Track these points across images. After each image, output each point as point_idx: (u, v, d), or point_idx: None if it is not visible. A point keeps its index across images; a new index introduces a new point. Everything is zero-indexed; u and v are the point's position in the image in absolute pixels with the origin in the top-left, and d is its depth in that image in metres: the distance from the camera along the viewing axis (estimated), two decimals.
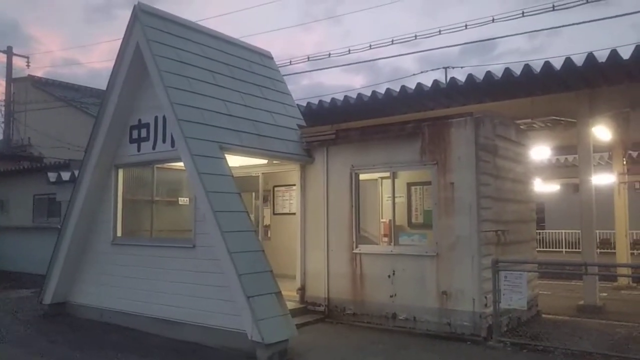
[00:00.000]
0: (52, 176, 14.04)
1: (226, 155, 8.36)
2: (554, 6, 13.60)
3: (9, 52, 25.52)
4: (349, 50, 17.07)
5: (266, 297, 7.22)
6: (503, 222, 8.96)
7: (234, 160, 10.56)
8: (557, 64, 9.81)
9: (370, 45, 16.62)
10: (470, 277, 8.21)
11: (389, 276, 8.99)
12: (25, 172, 16.38)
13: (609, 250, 19.30)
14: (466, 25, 15.20)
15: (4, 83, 26.68)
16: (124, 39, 8.98)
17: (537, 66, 10.05)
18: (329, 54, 17.22)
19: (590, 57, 9.46)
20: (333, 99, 12.50)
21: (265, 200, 13.93)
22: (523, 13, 14.29)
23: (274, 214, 14.11)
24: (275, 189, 14.09)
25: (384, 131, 9.22)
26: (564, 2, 13.35)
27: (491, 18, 14.82)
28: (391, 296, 8.95)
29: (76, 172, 13.05)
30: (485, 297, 8.19)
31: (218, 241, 7.39)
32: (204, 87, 8.87)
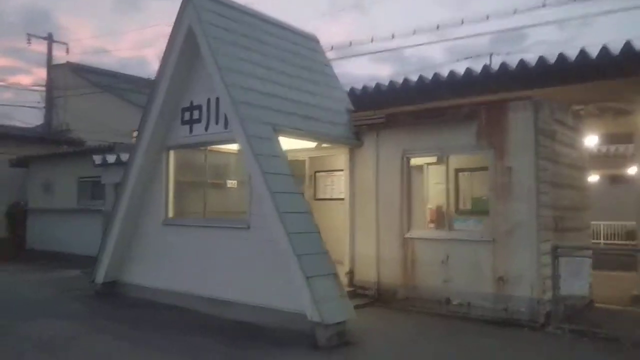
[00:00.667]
0: (97, 159, 14.21)
1: (279, 137, 8.32)
2: None
3: (49, 39, 25.89)
4: (372, 39, 16.79)
5: (324, 278, 7.17)
6: (560, 208, 8.76)
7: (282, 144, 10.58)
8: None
9: (393, 35, 16.34)
10: (528, 262, 8.04)
11: (443, 261, 8.87)
12: (70, 155, 16.66)
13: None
14: (487, 17, 14.88)
15: (38, 71, 27.12)
16: (176, 20, 8.98)
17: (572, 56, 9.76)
18: (350, 43, 16.96)
19: None
20: (378, 84, 12.29)
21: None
22: (544, 4, 13.97)
23: (316, 199, 14.07)
24: (317, 174, 14.04)
25: (437, 115, 9.06)
26: None
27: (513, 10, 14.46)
28: (445, 281, 8.84)
29: (121, 155, 13.26)
30: (544, 283, 8.02)
31: (275, 222, 7.36)
32: (256, 69, 8.83)
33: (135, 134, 10.34)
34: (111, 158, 13.77)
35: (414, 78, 11.61)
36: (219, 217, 9.24)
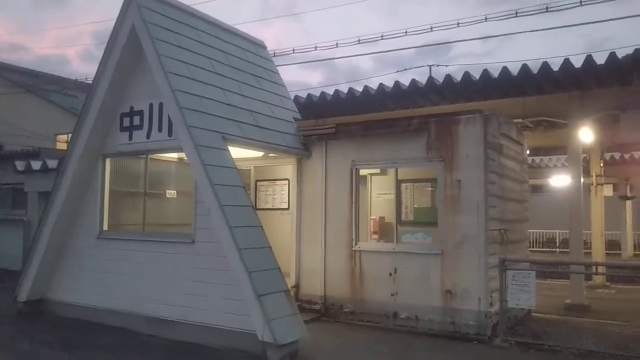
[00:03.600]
0: (20, 165, 13.21)
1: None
2: (516, 13, 13.89)
3: None
4: (315, 47, 16.73)
5: (276, 295, 6.89)
6: (505, 221, 8.92)
7: None
8: (515, 70, 9.88)
9: (337, 44, 16.31)
10: (476, 275, 8.11)
11: (391, 274, 8.80)
12: None
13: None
14: (431, 28, 15.13)
15: None
16: (117, 19, 8.44)
17: (495, 70, 10.13)
18: (293, 50, 16.83)
19: (587, 59, 9.51)
20: (323, 93, 12.20)
21: None
22: (486, 18, 14.43)
23: (257, 209, 13.71)
24: (258, 183, 13.70)
25: (388, 126, 9.02)
26: (525, 9, 13.73)
27: (456, 22, 14.78)
28: (392, 294, 8.77)
29: (48, 162, 12.37)
30: (491, 296, 8.12)
31: (225, 237, 7.00)
32: (204, 75, 8.44)
33: (59, 137, 9.64)
34: (36, 164, 12.84)
35: (345, 89, 11.66)
36: (159, 231, 8.72)
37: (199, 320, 7.55)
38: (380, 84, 11.54)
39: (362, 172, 10.08)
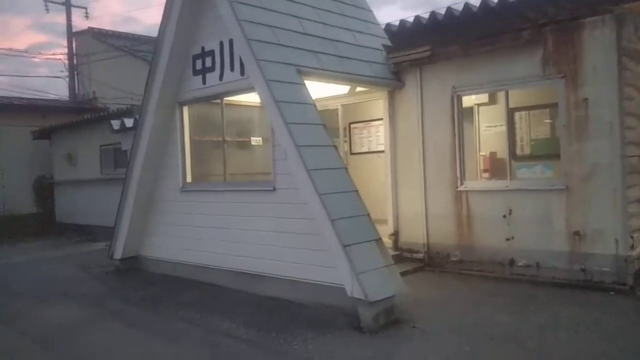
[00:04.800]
0: (115, 124, 13.21)
1: (305, 81, 7.04)
2: None
3: (67, 4, 24.92)
4: None
5: (366, 245, 5.97)
6: None
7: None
8: None
9: None
10: (612, 213, 6.65)
11: (505, 216, 7.54)
12: (90, 123, 15.71)
13: None
14: None
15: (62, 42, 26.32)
16: None
17: None
18: None
19: None
20: (417, 17, 10.75)
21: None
22: None
23: (352, 153, 12.81)
24: (352, 125, 12.74)
25: (493, 41, 7.53)
26: None
27: None
28: (507, 239, 7.53)
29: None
30: (632, 237, 6.64)
31: (304, 181, 6.16)
32: (275, 2, 7.48)
33: None
34: (129, 122, 12.75)
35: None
36: (240, 181, 8.10)
37: (287, 274, 6.87)
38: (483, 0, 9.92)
39: (466, 100, 8.71)
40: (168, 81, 8.35)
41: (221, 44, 7.67)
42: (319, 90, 8.86)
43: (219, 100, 8.02)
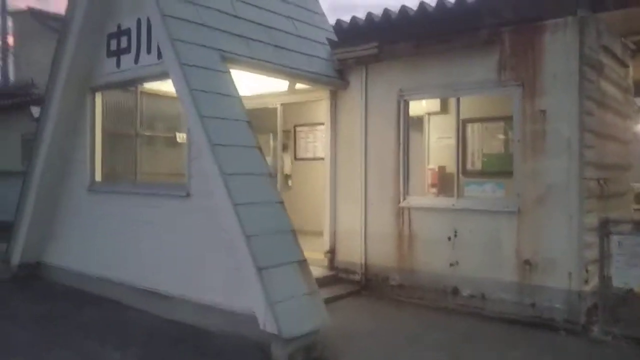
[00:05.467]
0: (35, 112, 11.83)
1: (232, 71, 6.07)
2: None
3: None
4: None
5: (286, 268, 5.03)
6: (606, 167, 6.63)
7: (243, 87, 8.31)
8: None
9: None
10: (566, 241, 5.93)
11: (450, 238, 6.75)
12: (10, 110, 14.22)
13: None
14: None
15: None
16: None
17: None
18: None
19: None
20: (369, 14, 9.93)
21: (284, 144, 11.78)
22: None
23: (296, 158, 11.91)
24: (297, 129, 11.85)
25: (446, 40, 6.75)
26: None
27: None
28: (452, 264, 6.74)
29: None
30: (587, 270, 5.94)
31: (218, 188, 5.17)
32: None
33: None
34: None
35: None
36: (153, 182, 7.02)
37: (197, 297, 5.85)
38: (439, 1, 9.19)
39: (416, 108, 8.00)
40: (78, 62, 7.23)
41: (139, 21, 6.61)
42: (258, 85, 7.95)
43: (134, 87, 6.94)
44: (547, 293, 6.05)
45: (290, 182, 11.77)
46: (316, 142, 11.59)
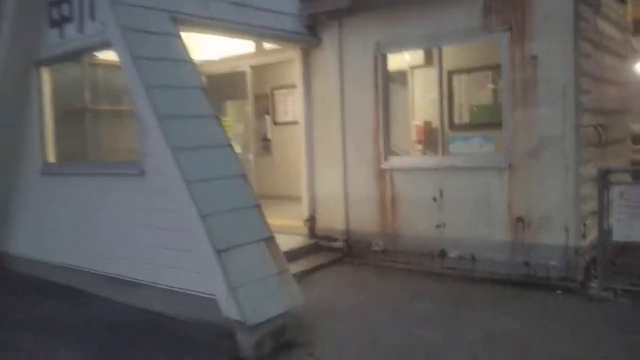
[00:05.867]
0: None
1: (192, 34, 5.59)
2: None
3: None
4: None
5: (250, 248, 4.54)
6: (604, 113, 6.09)
7: (210, 50, 7.70)
8: None
9: None
10: (562, 195, 5.46)
11: (435, 199, 6.26)
12: None
13: None
14: None
15: None
16: None
17: None
18: None
19: None
20: None
21: (264, 108, 11.22)
22: None
23: (276, 123, 11.32)
24: (275, 92, 11.21)
25: None
26: None
27: None
28: (438, 226, 6.27)
29: None
30: (584, 225, 5.50)
31: (168, 164, 4.63)
32: None
33: None
34: None
35: None
36: (107, 161, 6.45)
37: (163, 282, 5.37)
38: None
39: (399, 62, 7.43)
40: (19, 35, 6.56)
41: None
42: (224, 47, 7.35)
43: (78, 59, 6.31)
44: (542, 250, 5.61)
45: (271, 148, 11.25)
46: (295, 105, 10.97)
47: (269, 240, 4.71)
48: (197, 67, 5.21)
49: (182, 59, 5.19)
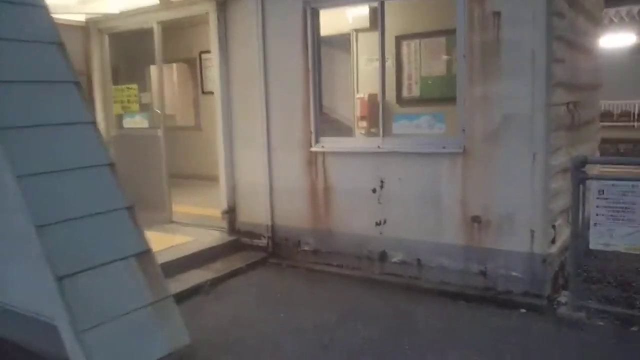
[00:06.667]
0: None
1: None
2: None
3: None
4: None
5: (110, 269, 3.25)
6: (576, 88, 5.04)
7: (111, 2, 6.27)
8: None
9: None
10: (528, 189, 4.39)
11: (374, 190, 5.12)
12: None
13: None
14: None
15: None
16: None
17: None
18: None
19: None
20: None
21: (189, 73, 9.88)
22: None
23: (204, 92, 9.92)
24: (203, 56, 9.78)
25: None
26: None
27: None
28: (378, 223, 5.14)
29: None
30: (554, 227, 4.47)
31: None
32: None
33: None
34: None
35: None
36: None
37: (10, 301, 4.04)
38: None
39: (338, 22, 6.27)
40: None
41: None
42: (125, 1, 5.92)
43: None
44: (502, 258, 4.56)
45: (200, 122, 9.91)
46: None
47: (143, 255, 3.43)
48: (50, 15, 3.79)
49: (29, 1, 3.77)
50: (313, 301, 4.77)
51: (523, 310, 4.38)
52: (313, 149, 5.46)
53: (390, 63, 7.08)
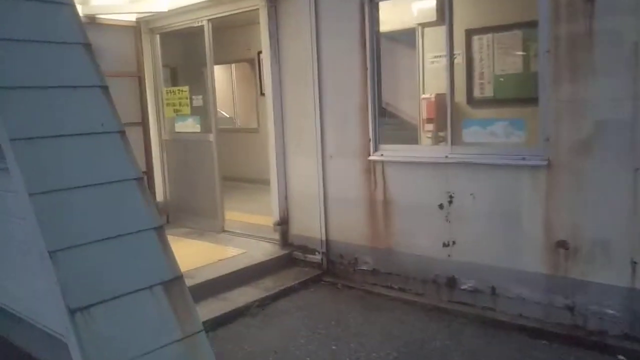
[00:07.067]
0: None
1: None
2: None
3: None
4: None
5: (133, 299, 2.82)
6: None
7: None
8: None
9: None
10: (628, 212, 3.66)
11: (442, 206, 4.51)
12: None
13: None
14: None
15: None
16: None
17: None
18: None
19: None
20: None
21: (250, 74, 9.61)
22: None
23: (262, 94, 9.55)
24: (261, 56, 9.41)
25: None
26: None
27: None
28: (446, 244, 4.53)
29: None
30: None
31: (10, 162, 2.94)
32: None
33: None
34: None
35: None
36: None
37: (17, 309, 3.75)
38: None
39: (399, 15, 5.66)
40: None
41: None
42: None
43: None
44: (595, 292, 3.84)
45: (259, 124, 9.62)
46: None
47: (172, 283, 2.99)
48: (77, 13, 3.45)
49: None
50: (370, 332, 4.23)
51: (621, 358, 3.65)
52: (371, 157, 4.91)
53: (459, 60, 6.44)
